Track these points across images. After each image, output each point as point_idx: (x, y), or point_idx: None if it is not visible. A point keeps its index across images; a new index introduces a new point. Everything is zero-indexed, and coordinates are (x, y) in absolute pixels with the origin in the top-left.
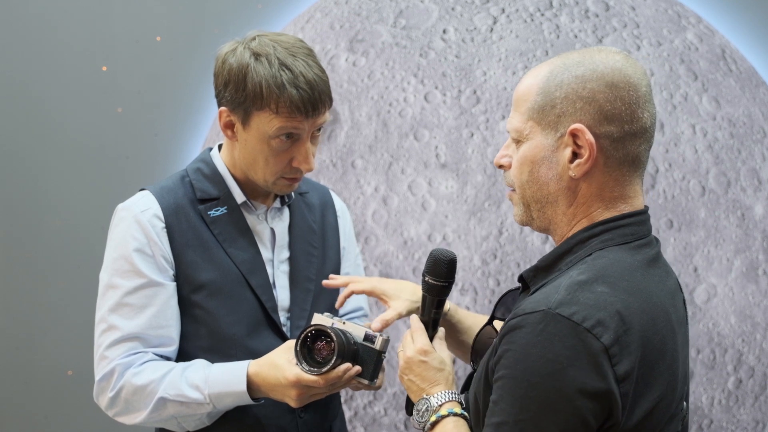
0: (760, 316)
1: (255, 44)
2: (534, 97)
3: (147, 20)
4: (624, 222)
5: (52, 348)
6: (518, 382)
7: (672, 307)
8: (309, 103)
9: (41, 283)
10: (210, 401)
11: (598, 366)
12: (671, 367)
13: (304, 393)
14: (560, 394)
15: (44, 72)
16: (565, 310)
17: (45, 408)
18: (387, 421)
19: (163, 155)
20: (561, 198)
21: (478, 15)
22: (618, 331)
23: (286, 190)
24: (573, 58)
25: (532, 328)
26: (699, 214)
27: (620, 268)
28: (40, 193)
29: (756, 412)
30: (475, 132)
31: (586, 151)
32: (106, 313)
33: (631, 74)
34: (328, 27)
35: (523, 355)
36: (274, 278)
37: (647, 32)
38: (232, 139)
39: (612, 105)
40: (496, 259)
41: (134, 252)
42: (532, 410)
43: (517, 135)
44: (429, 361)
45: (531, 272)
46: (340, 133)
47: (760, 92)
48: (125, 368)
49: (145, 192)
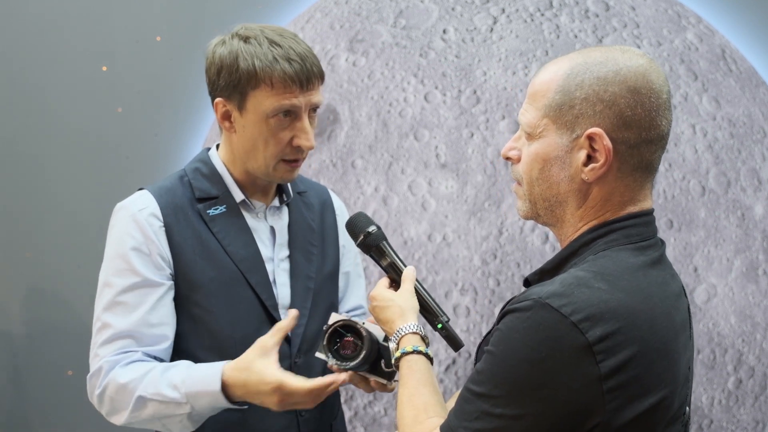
0: (760, 316)
1: (243, 31)
2: (552, 94)
3: (147, 20)
4: (629, 222)
5: (52, 348)
6: (498, 361)
7: (675, 309)
8: (303, 74)
9: (41, 283)
10: (187, 401)
11: (579, 361)
12: (672, 369)
13: (286, 399)
14: (534, 381)
15: (44, 72)
16: (555, 302)
17: (45, 408)
18: (387, 421)
19: (163, 155)
20: (571, 199)
21: (478, 15)
22: (607, 328)
23: (287, 176)
24: (595, 57)
25: (520, 314)
26: (699, 214)
27: (622, 267)
28: (41, 192)
29: (756, 412)
30: (475, 132)
31: (602, 156)
32: (101, 312)
33: (653, 80)
34: (328, 27)
35: (507, 337)
36: (274, 276)
37: (647, 32)
38: (230, 130)
39: (632, 111)
40: (496, 259)
41: (131, 250)
42: (505, 390)
43: (531, 129)
44: (376, 305)
45: (536, 275)
46: (340, 133)
47: (760, 92)
48: (112, 366)
49: (144, 191)
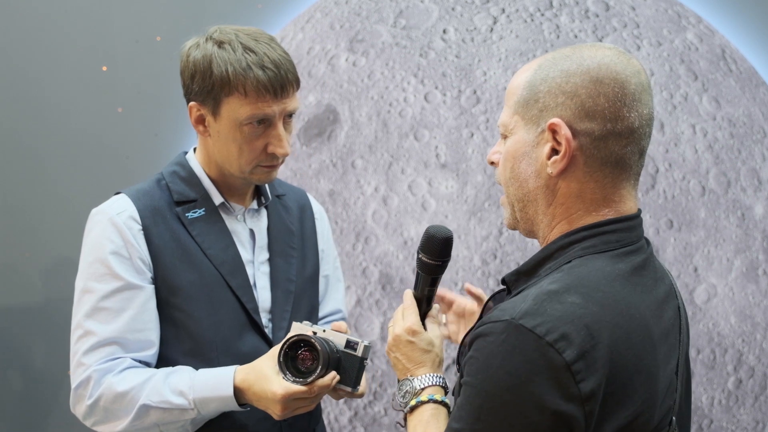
0: (760, 316)
1: (217, 35)
2: (521, 90)
3: (147, 20)
4: (609, 228)
5: (52, 348)
6: (477, 392)
7: (655, 319)
8: (276, 82)
9: (41, 283)
10: (195, 407)
11: (559, 382)
12: (648, 382)
13: (289, 407)
14: (517, 408)
15: (45, 72)
16: (528, 322)
17: (45, 408)
18: (387, 421)
19: (163, 155)
20: (540, 197)
21: (478, 15)
22: (583, 346)
23: (265, 179)
24: (563, 52)
25: (494, 338)
26: (699, 214)
27: (597, 277)
28: (41, 192)
29: (756, 412)
30: (475, 132)
31: (563, 147)
32: (82, 319)
33: (619, 71)
34: (328, 27)
35: (484, 365)
36: (254, 279)
37: (647, 32)
38: (204, 134)
39: (594, 101)
40: (496, 259)
41: (110, 255)
42: (489, 421)
43: (504, 129)
44: (416, 342)
45: (513, 276)
46: (340, 133)
47: (760, 92)
48: (103, 375)
49: (121, 195)
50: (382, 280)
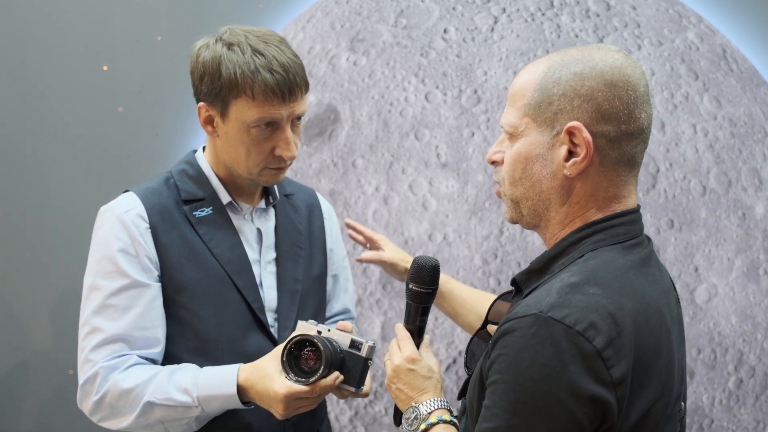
0: (760, 315)
1: (227, 36)
2: (531, 93)
3: (148, 20)
4: (616, 222)
5: (52, 348)
6: (511, 387)
7: (666, 307)
8: (284, 85)
9: (41, 283)
10: (199, 404)
11: (592, 369)
12: (667, 367)
13: (291, 407)
14: (553, 398)
15: (45, 71)
16: (557, 313)
17: (45, 408)
18: (387, 421)
19: (164, 155)
20: (554, 197)
21: (479, 14)
22: (611, 333)
23: (273, 180)
24: (572, 54)
25: (524, 332)
26: (700, 214)
27: (612, 268)
28: (41, 192)
29: (757, 412)
30: (476, 132)
31: (583, 150)
32: (90, 316)
33: (630, 74)
34: (329, 26)
35: (515, 359)
36: (261, 279)
37: (648, 32)
38: (213, 134)
39: (610, 104)
40: (497, 258)
41: (118, 252)
42: (525, 415)
43: (512, 130)
44: (417, 369)
45: (524, 275)
46: (340, 133)
47: (760, 92)
48: (109, 371)
49: (129, 193)
50: (383, 280)
